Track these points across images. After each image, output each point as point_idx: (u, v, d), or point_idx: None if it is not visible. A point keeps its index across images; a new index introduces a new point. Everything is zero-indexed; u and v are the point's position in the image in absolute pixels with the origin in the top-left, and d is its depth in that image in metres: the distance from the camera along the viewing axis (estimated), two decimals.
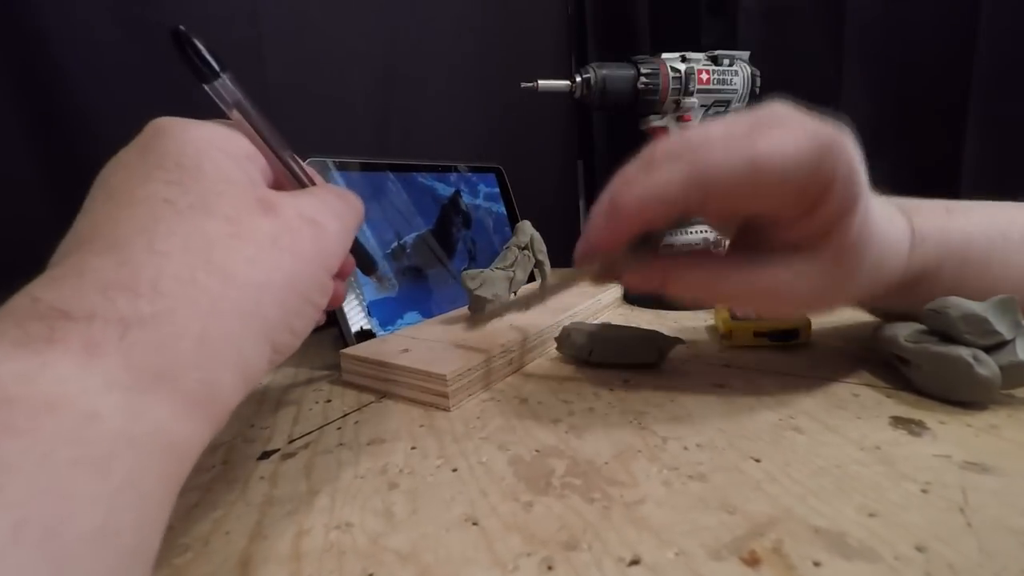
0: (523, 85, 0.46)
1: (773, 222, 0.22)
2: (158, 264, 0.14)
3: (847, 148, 0.20)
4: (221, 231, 0.16)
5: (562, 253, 0.27)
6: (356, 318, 0.34)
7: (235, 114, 0.19)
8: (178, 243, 0.15)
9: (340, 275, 0.23)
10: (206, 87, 0.18)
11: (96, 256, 0.14)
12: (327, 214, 0.19)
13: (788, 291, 0.22)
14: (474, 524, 0.17)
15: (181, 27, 0.17)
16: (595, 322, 0.36)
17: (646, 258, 0.24)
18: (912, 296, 0.26)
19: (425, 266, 0.41)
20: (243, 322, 0.15)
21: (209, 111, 0.19)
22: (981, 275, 0.25)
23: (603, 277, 0.25)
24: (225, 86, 0.18)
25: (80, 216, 0.16)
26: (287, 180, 0.21)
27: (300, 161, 0.21)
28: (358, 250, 0.26)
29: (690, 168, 0.19)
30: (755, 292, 0.23)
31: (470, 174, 0.49)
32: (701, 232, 0.58)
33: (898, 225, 0.24)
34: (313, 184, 0.21)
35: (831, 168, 0.19)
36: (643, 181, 0.20)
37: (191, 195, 0.16)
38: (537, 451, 0.21)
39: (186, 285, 0.14)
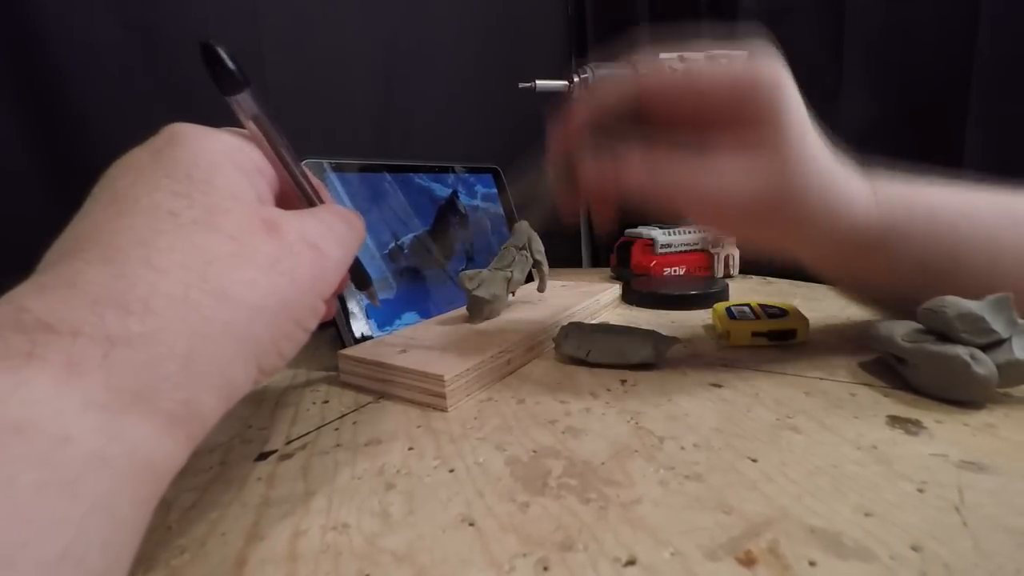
0: (521, 86, 0.46)
1: (713, 128, 0.24)
2: (153, 281, 0.14)
3: (777, 70, 0.23)
4: (222, 249, 0.15)
5: (560, 254, 0.27)
6: (358, 324, 0.34)
7: (252, 127, 0.19)
8: (177, 259, 0.15)
9: (335, 291, 0.23)
10: (228, 99, 0.18)
11: (91, 266, 0.14)
12: (330, 240, 0.19)
13: (732, 191, 0.23)
14: (470, 525, 0.17)
15: (211, 41, 0.17)
16: (593, 322, 0.36)
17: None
18: (879, 259, 0.26)
19: (423, 267, 0.41)
20: (233, 344, 0.15)
21: (211, 109, 0.19)
22: (951, 243, 0.26)
23: (563, 183, 0.25)
24: (246, 99, 0.18)
25: (79, 216, 0.16)
26: (295, 195, 0.21)
27: (310, 177, 0.21)
28: (355, 266, 0.26)
29: (632, 74, 0.24)
30: (700, 187, 0.23)
31: (467, 175, 0.49)
32: (698, 231, 0.58)
33: (855, 179, 0.25)
34: (321, 202, 0.21)
35: (762, 84, 0.23)
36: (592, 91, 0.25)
37: (196, 209, 0.15)
38: (534, 451, 0.21)
39: (178, 303, 0.14)
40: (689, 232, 0.58)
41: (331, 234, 0.19)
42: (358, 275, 0.27)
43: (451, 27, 0.69)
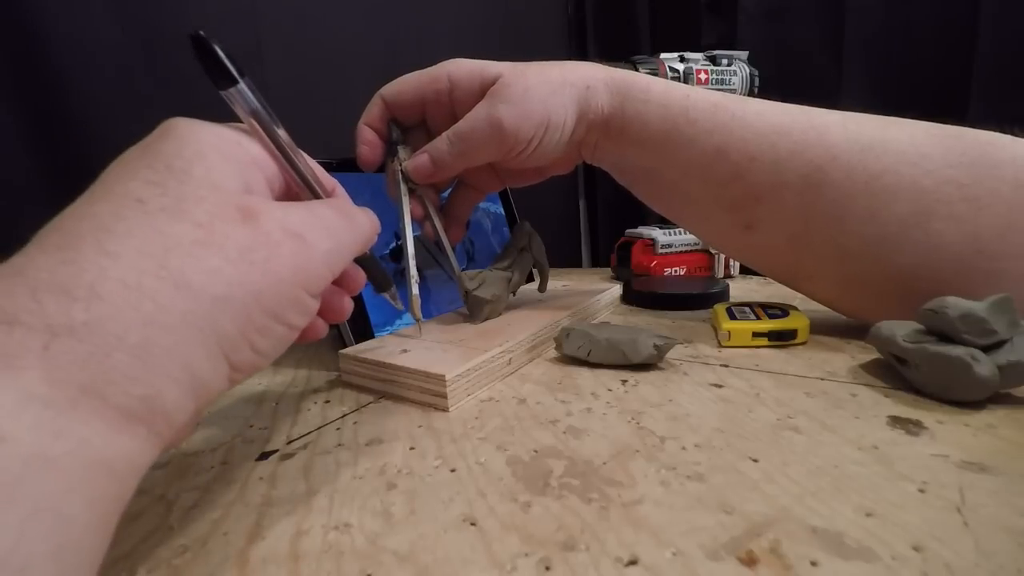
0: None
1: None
2: (104, 266, 0.13)
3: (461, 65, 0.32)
4: (187, 236, 0.15)
5: (561, 254, 0.27)
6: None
7: (251, 121, 0.18)
8: (133, 245, 0.14)
9: (348, 290, 0.23)
10: (223, 93, 0.18)
11: (43, 253, 0.13)
12: (317, 230, 0.18)
13: (475, 121, 0.31)
14: (472, 524, 0.17)
15: (201, 32, 0.17)
16: (594, 322, 0.36)
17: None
18: (620, 143, 0.33)
19: (424, 267, 0.41)
20: (193, 335, 0.14)
21: (211, 109, 0.19)
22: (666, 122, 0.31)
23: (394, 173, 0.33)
24: (243, 92, 0.18)
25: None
26: (301, 190, 0.20)
27: (320, 173, 0.21)
28: (372, 266, 0.25)
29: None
30: (458, 132, 0.31)
31: None
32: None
33: (569, 83, 0.31)
34: (328, 195, 0.21)
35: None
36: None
37: (168, 197, 0.15)
38: (535, 451, 0.21)
39: (130, 290, 0.13)
40: (687, 233, 0.58)
41: (319, 224, 0.18)
42: (376, 276, 0.26)
43: (451, 27, 0.69)
